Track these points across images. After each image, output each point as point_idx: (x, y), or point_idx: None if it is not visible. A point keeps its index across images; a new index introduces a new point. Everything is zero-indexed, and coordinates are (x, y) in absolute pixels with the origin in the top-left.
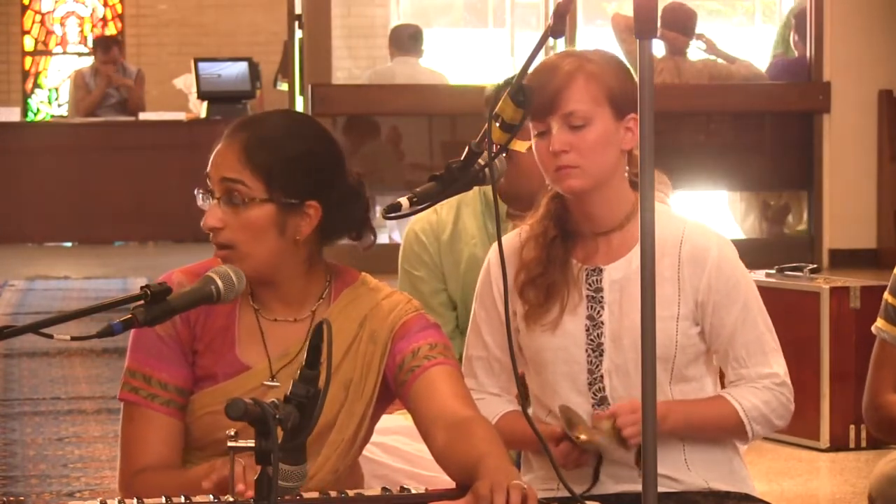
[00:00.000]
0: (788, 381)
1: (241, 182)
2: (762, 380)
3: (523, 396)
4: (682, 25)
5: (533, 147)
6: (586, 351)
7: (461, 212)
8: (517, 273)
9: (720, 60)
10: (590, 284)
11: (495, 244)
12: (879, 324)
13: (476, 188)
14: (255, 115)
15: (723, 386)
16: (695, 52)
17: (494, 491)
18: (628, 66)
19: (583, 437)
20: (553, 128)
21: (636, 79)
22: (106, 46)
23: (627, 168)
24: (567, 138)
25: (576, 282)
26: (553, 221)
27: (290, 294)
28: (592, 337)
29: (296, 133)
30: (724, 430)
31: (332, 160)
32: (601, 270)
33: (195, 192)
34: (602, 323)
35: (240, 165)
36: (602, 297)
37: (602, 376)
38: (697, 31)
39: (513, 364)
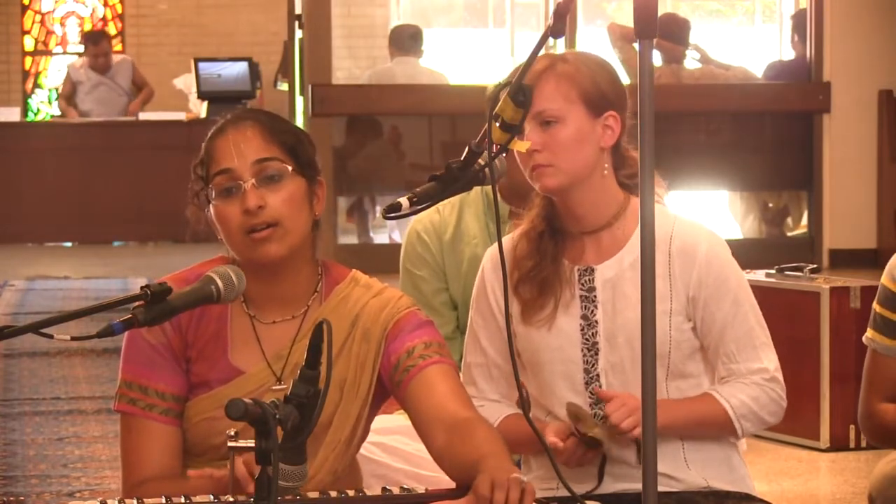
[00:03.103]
0: (779, 377)
1: (275, 158)
2: (752, 375)
3: (524, 402)
4: (676, 35)
5: None
6: (582, 350)
7: (463, 212)
8: (511, 271)
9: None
10: (582, 284)
11: (489, 249)
12: (870, 334)
13: (479, 189)
14: (238, 110)
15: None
16: (690, 61)
17: (495, 487)
18: (610, 65)
19: (590, 433)
20: (526, 128)
21: (620, 78)
22: (96, 40)
23: (607, 166)
24: (539, 137)
25: (568, 281)
26: (542, 218)
27: (289, 289)
28: (587, 336)
29: (286, 120)
30: (713, 428)
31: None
32: (593, 270)
33: (205, 192)
34: (596, 322)
35: (267, 144)
36: (595, 296)
37: (598, 375)
38: (694, 37)
39: (514, 369)
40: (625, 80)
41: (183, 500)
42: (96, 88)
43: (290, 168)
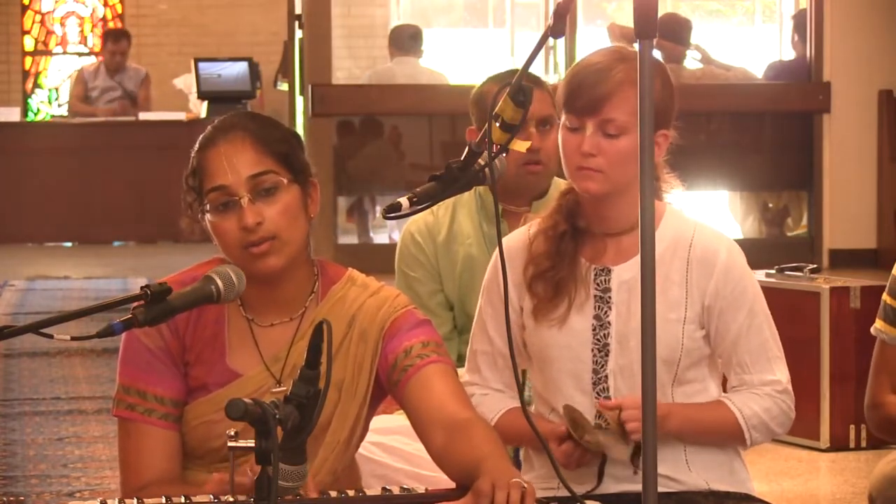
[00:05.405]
0: (790, 389)
1: (270, 171)
2: (764, 386)
3: (524, 401)
4: (677, 35)
5: (559, 137)
6: (592, 350)
7: (457, 213)
8: (526, 266)
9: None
10: (598, 284)
11: (505, 239)
12: (878, 325)
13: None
14: (224, 118)
15: (724, 390)
16: (691, 61)
17: (496, 488)
18: (670, 78)
19: (586, 437)
20: (588, 129)
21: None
22: (116, 37)
23: None
24: (599, 142)
25: (584, 280)
26: (564, 217)
27: (287, 293)
28: (599, 337)
29: (275, 119)
30: (722, 436)
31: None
32: (610, 271)
33: (198, 204)
34: (609, 323)
35: (260, 157)
36: (610, 297)
37: (607, 376)
38: (694, 37)
39: (513, 361)
40: None
41: (183, 500)
42: (106, 93)
43: (284, 180)
